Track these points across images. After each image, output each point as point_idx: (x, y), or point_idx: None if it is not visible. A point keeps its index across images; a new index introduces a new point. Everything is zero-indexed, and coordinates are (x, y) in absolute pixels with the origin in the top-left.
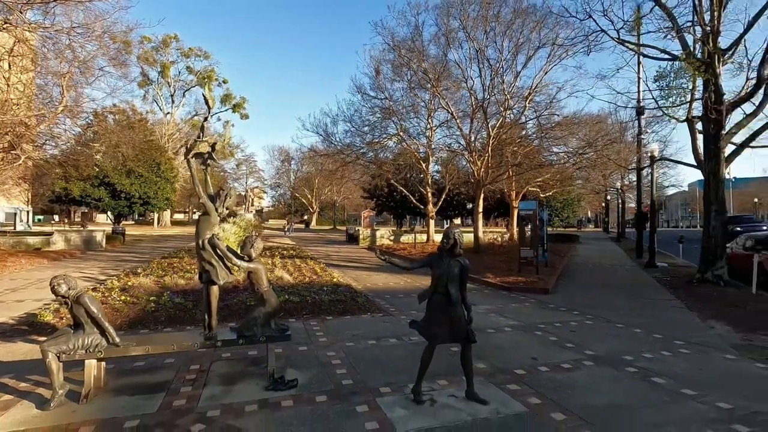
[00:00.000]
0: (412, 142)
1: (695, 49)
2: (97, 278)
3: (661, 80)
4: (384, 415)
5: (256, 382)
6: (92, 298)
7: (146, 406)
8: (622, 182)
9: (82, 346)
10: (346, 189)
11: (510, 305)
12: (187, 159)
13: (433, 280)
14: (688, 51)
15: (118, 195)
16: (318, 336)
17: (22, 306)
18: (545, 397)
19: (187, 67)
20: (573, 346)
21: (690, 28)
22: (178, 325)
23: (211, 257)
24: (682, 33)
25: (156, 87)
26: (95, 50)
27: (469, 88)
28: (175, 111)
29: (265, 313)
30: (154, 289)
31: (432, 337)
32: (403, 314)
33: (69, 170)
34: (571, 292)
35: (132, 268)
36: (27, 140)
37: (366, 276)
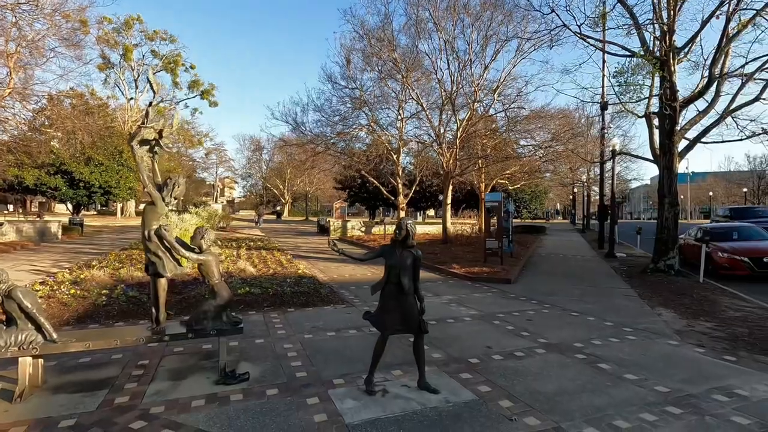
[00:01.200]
0: (383, 133)
1: (654, 46)
2: (49, 271)
3: (620, 76)
4: (334, 406)
5: (207, 376)
6: (26, 291)
7: (85, 404)
8: (587, 175)
9: (14, 342)
10: (318, 180)
11: (472, 295)
12: (131, 146)
13: (386, 270)
14: (646, 48)
15: (77, 184)
16: (277, 329)
17: None
18: (495, 384)
19: (151, 51)
20: (528, 334)
21: (649, 26)
22: (131, 319)
23: (158, 249)
24: (641, 30)
25: (118, 71)
26: (45, 29)
27: (438, 80)
28: (139, 96)
29: (216, 305)
30: (109, 282)
31: (384, 328)
32: (366, 305)
33: (21, 157)
34: (532, 282)
35: (87, 261)
36: None
37: (334, 267)
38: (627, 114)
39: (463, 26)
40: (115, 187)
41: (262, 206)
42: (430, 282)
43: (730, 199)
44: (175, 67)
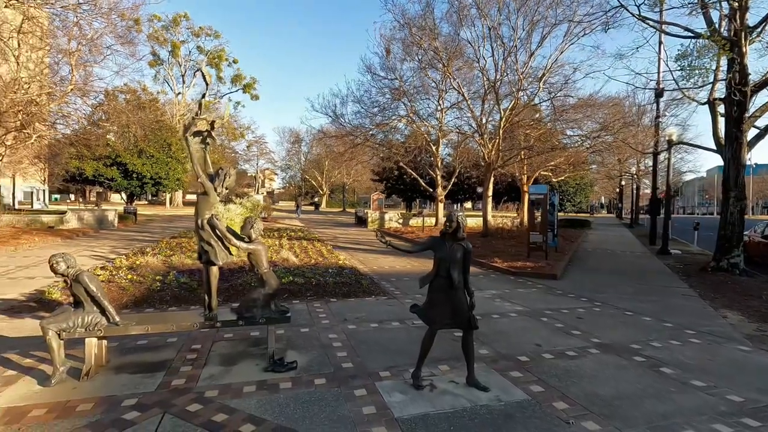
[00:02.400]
0: (422, 123)
1: (721, 26)
2: (107, 257)
3: (682, 59)
4: (382, 399)
5: (256, 363)
6: (92, 276)
7: (145, 385)
8: (637, 167)
9: (81, 324)
10: (356, 171)
11: (516, 290)
12: (185, 137)
13: (435, 263)
14: (713, 28)
15: (130, 175)
16: (321, 318)
17: (33, 283)
18: (548, 384)
19: (197, 47)
20: (579, 333)
21: (716, 4)
22: (183, 304)
23: (210, 237)
24: (708, 9)
25: (167, 67)
26: (103, 28)
27: (481, 68)
28: (186, 91)
29: (265, 294)
30: (162, 268)
31: (432, 322)
32: (408, 297)
33: (81, 150)
34: (579, 278)
35: (141, 248)
36: (38, 119)
37: (372, 259)
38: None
39: (508, 11)
40: (165, 178)
41: (301, 197)
42: (471, 276)
43: None
44: (218, 62)
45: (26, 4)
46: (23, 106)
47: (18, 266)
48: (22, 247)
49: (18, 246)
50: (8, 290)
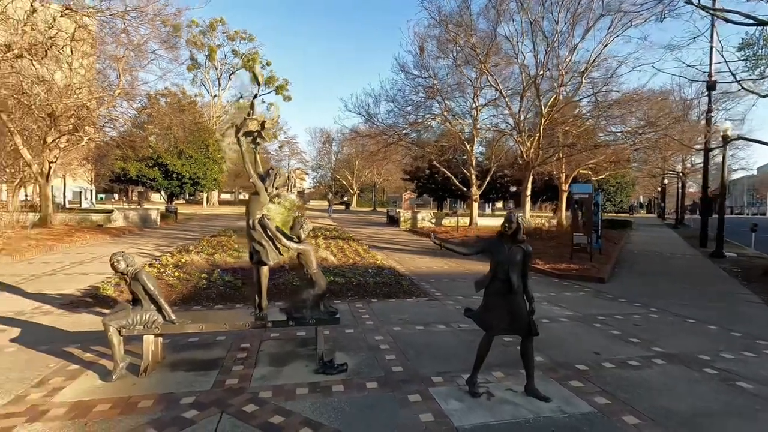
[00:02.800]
0: (456, 122)
1: None
2: (153, 254)
3: (746, 49)
4: (438, 406)
5: (306, 364)
6: (149, 275)
7: (201, 383)
8: (683, 165)
9: (140, 321)
10: (387, 171)
11: (563, 294)
12: (238, 138)
13: (493, 266)
14: None
15: (171, 175)
16: (364, 319)
17: (87, 279)
18: (614, 396)
19: (232, 51)
20: (639, 341)
21: None
22: (229, 302)
23: (261, 238)
24: None
25: (203, 70)
26: (148, 33)
27: (520, 64)
28: (221, 93)
29: (314, 295)
30: (205, 266)
31: (489, 327)
32: (449, 299)
33: (126, 151)
34: (629, 282)
35: (184, 246)
36: (89, 122)
37: (409, 259)
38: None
39: (550, 4)
40: (203, 178)
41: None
42: None
43: None
44: (252, 64)
45: (80, 13)
46: (75, 110)
47: (72, 262)
48: (75, 244)
49: (72, 243)
50: (65, 285)
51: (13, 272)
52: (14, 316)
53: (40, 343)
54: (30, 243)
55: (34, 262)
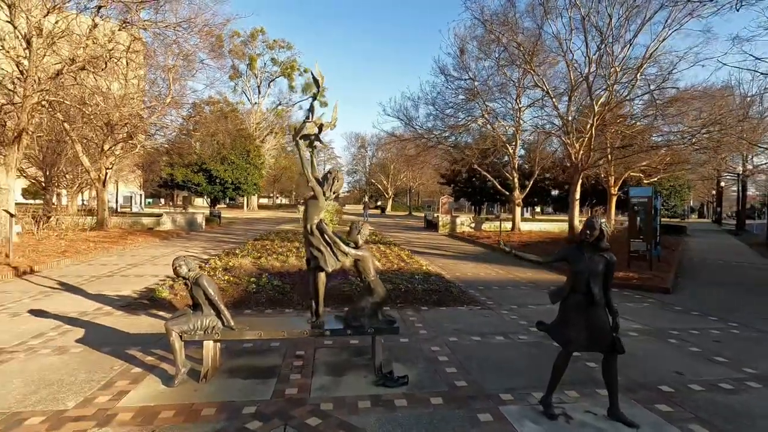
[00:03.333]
0: (498, 124)
1: None
2: (200, 257)
3: None
4: (513, 428)
5: (364, 374)
6: (210, 280)
7: (260, 392)
8: (743, 166)
9: (201, 327)
10: (422, 175)
11: (626, 305)
12: (296, 141)
13: (571, 277)
14: None
15: (214, 180)
16: (417, 328)
17: (142, 281)
18: (713, 425)
19: (271, 59)
20: (725, 360)
21: None
22: (278, 307)
23: (320, 243)
24: None
25: (244, 79)
26: (197, 43)
27: (567, 63)
28: (261, 101)
29: (372, 303)
30: (253, 270)
31: (568, 343)
32: (503, 308)
33: (173, 158)
34: (697, 293)
35: (230, 249)
36: (141, 130)
37: (452, 264)
38: None
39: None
40: (244, 183)
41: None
42: None
43: None
44: (291, 71)
45: (136, 26)
46: (129, 119)
47: (128, 264)
48: (128, 246)
49: (125, 245)
50: (123, 287)
51: (75, 273)
52: (78, 316)
53: (103, 344)
54: (89, 245)
55: (93, 263)
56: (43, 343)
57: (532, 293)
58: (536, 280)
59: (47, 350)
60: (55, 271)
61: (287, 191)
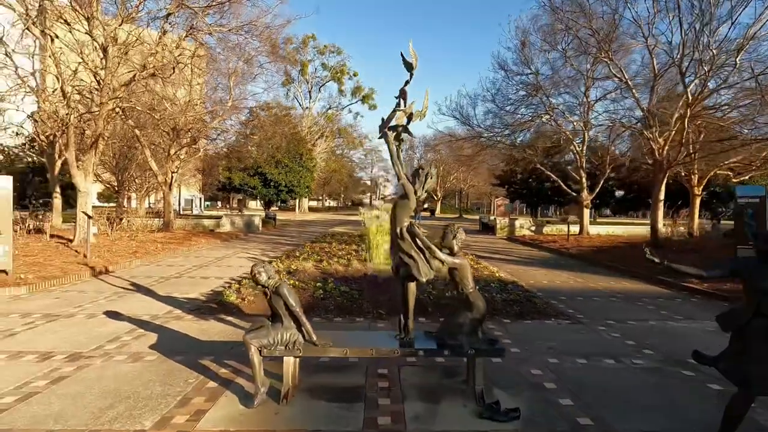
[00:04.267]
0: (564, 120)
1: None
2: (260, 259)
3: None
4: None
5: (462, 403)
6: (291, 289)
7: (349, 420)
8: None
9: (281, 341)
10: (474, 176)
11: None
12: (384, 132)
13: (751, 295)
14: None
15: (268, 183)
16: (507, 344)
17: (208, 283)
18: None
19: (322, 64)
20: None
21: None
22: (347, 315)
23: (411, 249)
24: None
25: (296, 85)
26: (258, 47)
27: (650, 48)
28: (312, 105)
29: (472, 319)
30: (316, 274)
31: (751, 384)
32: (598, 323)
33: (232, 161)
34: None
35: (289, 251)
36: (204, 135)
37: (522, 271)
38: None
39: None
40: (297, 185)
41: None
42: (665, 299)
43: None
44: (341, 75)
45: (203, 31)
46: (193, 124)
47: (193, 266)
48: (193, 247)
49: (190, 247)
50: (190, 289)
51: (145, 273)
52: (150, 319)
53: (175, 352)
54: (157, 246)
55: (161, 264)
56: (117, 349)
57: (625, 306)
58: (624, 291)
59: (122, 356)
60: (126, 271)
61: (336, 194)
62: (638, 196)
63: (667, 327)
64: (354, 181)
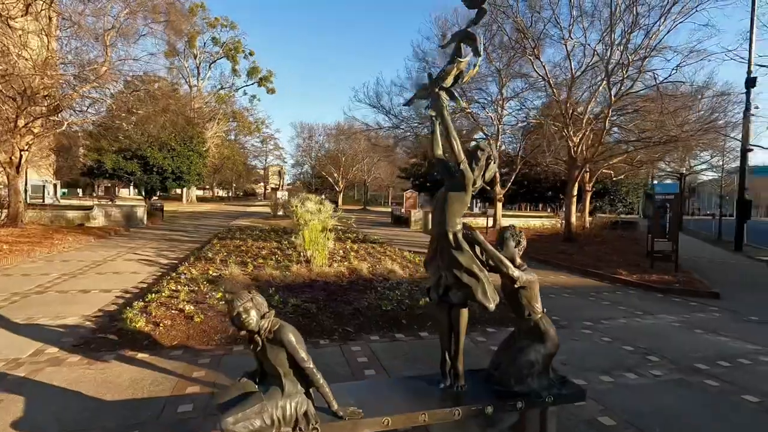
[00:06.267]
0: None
1: None
2: (159, 262)
3: None
4: None
5: None
6: (296, 331)
7: None
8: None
9: (285, 419)
10: (376, 168)
11: (695, 315)
12: (436, 93)
13: None
14: None
15: (151, 169)
16: None
17: (91, 299)
18: None
19: (212, 38)
20: None
21: None
22: (306, 336)
23: (473, 263)
24: None
25: (182, 58)
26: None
27: (568, 51)
28: (201, 84)
29: (545, 354)
30: (247, 282)
31: None
32: (580, 327)
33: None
34: (747, 298)
35: (193, 250)
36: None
37: None
38: None
39: None
40: (186, 172)
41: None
42: (608, 292)
43: None
44: (235, 53)
45: None
46: (53, 89)
47: (63, 274)
48: (56, 248)
49: (52, 247)
50: (65, 310)
51: None
52: (7, 369)
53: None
54: (2, 247)
55: (11, 273)
56: None
57: (583, 302)
58: (567, 285)
59: None
60: None
61: (227, 183)
62: (527, 191)
63: (639, 325)
64: (247, 170)
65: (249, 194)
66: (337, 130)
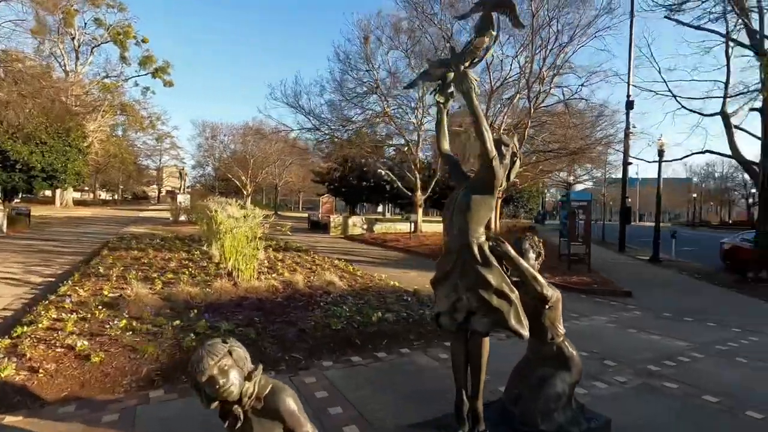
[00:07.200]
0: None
1: None
2: (29, 281)
3: None
4: None
5: None
6: (294, 393)
7: None
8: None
9: None
10: (287, 172)
11: (620, 314)
12: (464, 72)
13: None
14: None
15: (12, 166)
16: None
17: None
18: None
19: (95, 19)
20: None
21: None
22: None
23: (502, 282)
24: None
25: (56, 38)
26: None
27: (488, 64)
28: (80, 69)
29: (571, 383)
30: (159, 304)
31: None
32: None
33: None
34: (655, 295)
35: (76, 265)
36: None
37: (396, 275)
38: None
39: None
40: (62, 171)
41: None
42: None
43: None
44: (124, 39)
45: None
46: None
47: None
48: None
49: None
50: None
51: None
52: None
53: None
54: None
55: None
56: None
57: None
58: None
59: None
60: None
61: (113, 185)
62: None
63: (579, 328)
64: (138, 170)
65: (140, 197)
66: (245, 130)
